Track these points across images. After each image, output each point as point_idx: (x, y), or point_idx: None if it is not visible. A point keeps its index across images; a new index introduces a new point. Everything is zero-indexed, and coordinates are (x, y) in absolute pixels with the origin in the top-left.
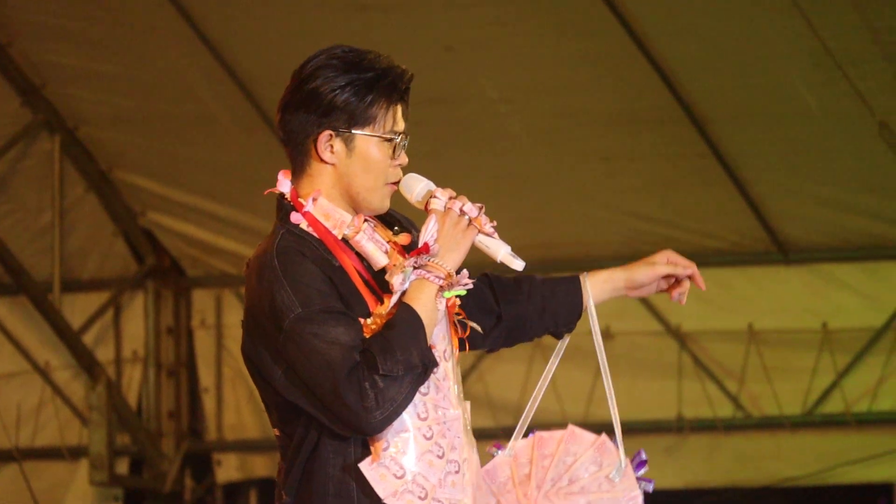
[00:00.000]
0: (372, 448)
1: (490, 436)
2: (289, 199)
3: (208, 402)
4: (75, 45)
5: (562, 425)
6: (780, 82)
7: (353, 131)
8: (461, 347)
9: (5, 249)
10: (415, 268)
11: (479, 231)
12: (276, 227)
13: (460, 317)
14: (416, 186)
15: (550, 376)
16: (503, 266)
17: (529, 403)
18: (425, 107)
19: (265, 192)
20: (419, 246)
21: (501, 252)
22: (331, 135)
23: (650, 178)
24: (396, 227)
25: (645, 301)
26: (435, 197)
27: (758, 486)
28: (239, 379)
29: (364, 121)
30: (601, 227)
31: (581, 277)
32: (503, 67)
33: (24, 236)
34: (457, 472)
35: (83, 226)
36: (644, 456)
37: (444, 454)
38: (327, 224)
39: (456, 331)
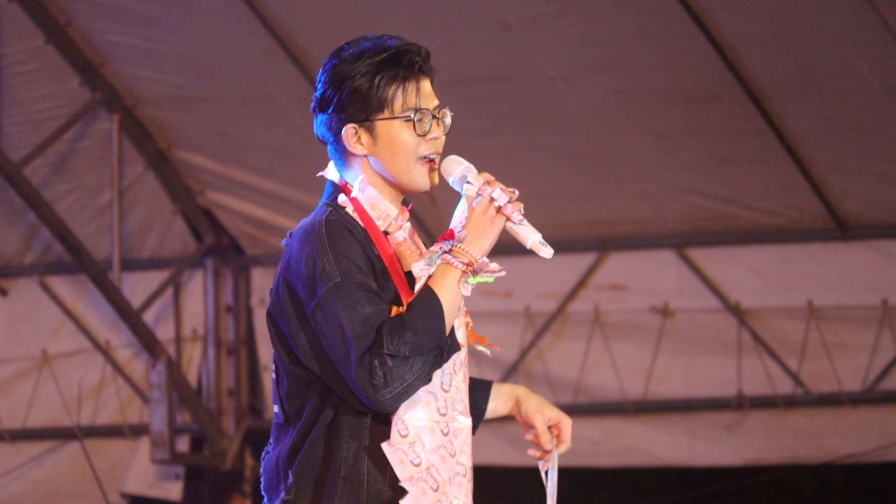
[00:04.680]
0: (391, 432)
1: None
2: (338, 184)
3: (268, 380)
4: (133, 25)
5: (620, 403)
6: (839, 58)
7: (371, 118)
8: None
9: (65, 228)
10: (440, 253)
11: (508, 219)
12: (323, 206)
13: (474, 339)
14: (455, 170)
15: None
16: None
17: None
18: (483, 85)
19: (317, 175)
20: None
21: (531, 239)
22: (354, 128)
23: (707, 154)
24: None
25: (704, 278)
26: (468, 182)
27: (818, 463)
28: None
29: (378, 105)
30: (659, 204)
31: (494, 385)
32: (560, 45)
33: (83, 215)
34: (463, 475)
35: (142, 205)
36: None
37: (455, 454)
38: (372, 214)
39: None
